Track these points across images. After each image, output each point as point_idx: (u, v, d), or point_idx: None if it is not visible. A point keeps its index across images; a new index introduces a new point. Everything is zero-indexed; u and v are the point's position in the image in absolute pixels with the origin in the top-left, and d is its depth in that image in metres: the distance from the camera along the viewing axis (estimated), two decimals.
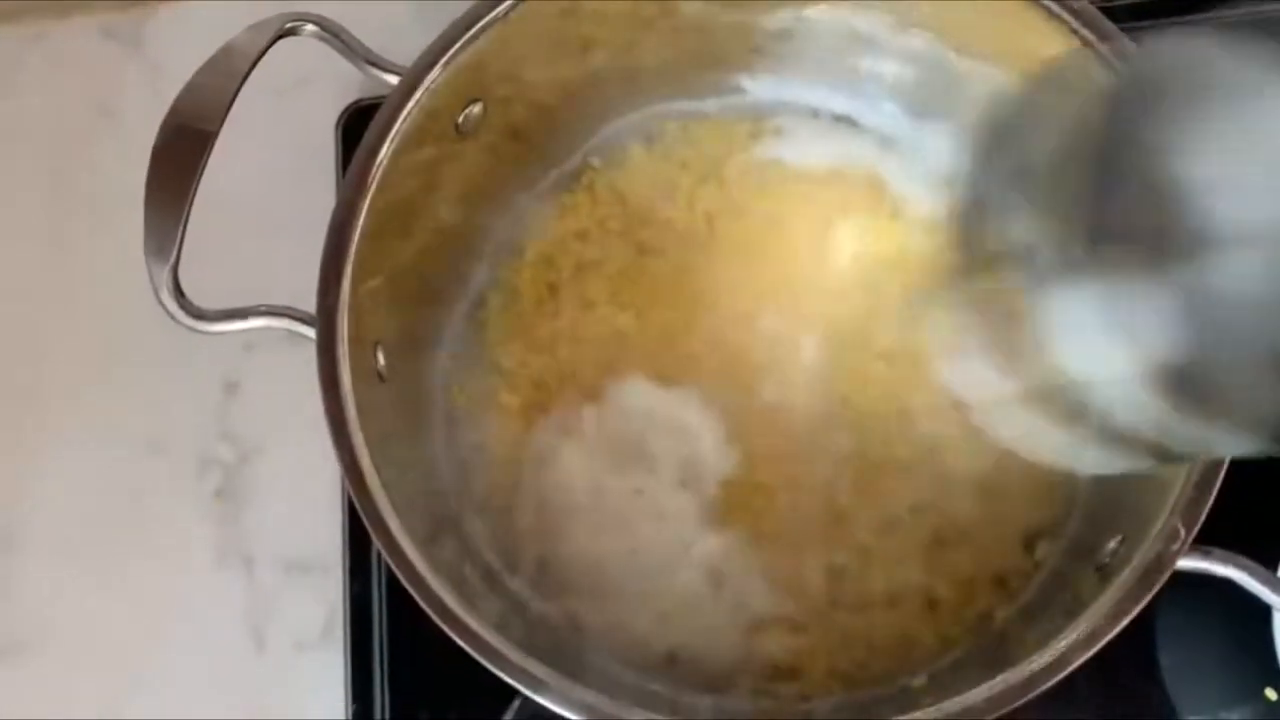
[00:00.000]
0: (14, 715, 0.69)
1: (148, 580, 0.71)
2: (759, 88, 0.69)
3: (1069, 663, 0.47)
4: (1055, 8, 0.55)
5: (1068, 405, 0.39)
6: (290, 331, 0.54)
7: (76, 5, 0.84)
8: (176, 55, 0.81)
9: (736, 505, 0.62)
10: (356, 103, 0.77)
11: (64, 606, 0.71)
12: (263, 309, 0.54)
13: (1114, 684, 0.63)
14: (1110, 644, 0.48)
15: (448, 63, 0.56)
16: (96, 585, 0.71)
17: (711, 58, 0.66)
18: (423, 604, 0.50)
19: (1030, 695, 0.47)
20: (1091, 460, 0.42)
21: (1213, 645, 0.64)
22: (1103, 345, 0.36)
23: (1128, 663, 0.64)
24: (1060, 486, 0.61)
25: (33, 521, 0.73)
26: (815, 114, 0.69)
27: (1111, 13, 0.68)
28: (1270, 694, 0.60)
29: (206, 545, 0.71)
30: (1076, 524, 0.60)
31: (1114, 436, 0.38)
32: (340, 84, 0.77)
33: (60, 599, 0.71)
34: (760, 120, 0.69)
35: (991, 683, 0.47)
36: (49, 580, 0.71)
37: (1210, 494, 0.48)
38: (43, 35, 0.84)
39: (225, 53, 0.55)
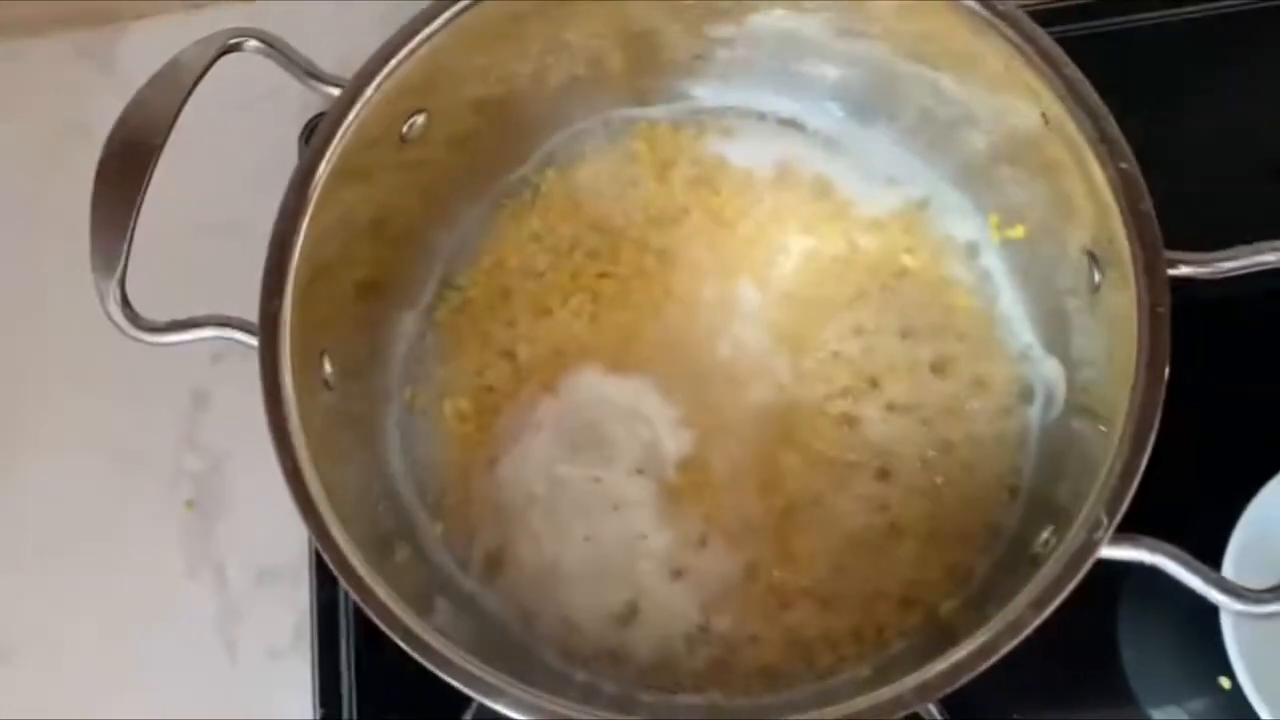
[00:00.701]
0: None
1: (120, 589, 0.71)
2: (706, 93, 0.69)
3: (997, 649, 0.47)
4: (982, 11, 0.56)
5: None
6: (236, 342, 0.55)
7: (50, 23, 0.85)
8: (144, 72, 0.82)
9: (691, 495, 0.63)
10: (320, 115, 0.77)
11: (36, 616, 0.72)
12: (210, 319, 0.55)
13: (1077, 678, 0.64)
14: (1073, 640, 0.48)
15: (389, 74, 0.57)
16: (69, 595, 0.72)
17: (658, 65, 0.67)
18: (368, 611, 0.50)
19: (958, 683, 0.47)
20: None
21: (1170, 639, 0.65)
22: None
23: (1090, 657, 0.64)
24: (1005, 483, 0.62)
25: (6, 532, 0.73)
26: (762, 117, 0.69)
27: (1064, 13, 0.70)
28: (1224, 682, 0.61)
29: (178, 554, 0.72)
30: (1017, 519, 0.61)
31: None
32: (304, 97, 0.77)
33: (33, 609, 0.72)
34: (708, 124, 0.70)
35: (920, 671, 0.48)
36: (21, 590, 0.72)
37: (1133, 480, 0.48)
38: (17, 54, 0.85)
39: (170, 67, 0.56)
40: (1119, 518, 0.48)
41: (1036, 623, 0.47)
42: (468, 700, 0.61)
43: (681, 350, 0.65)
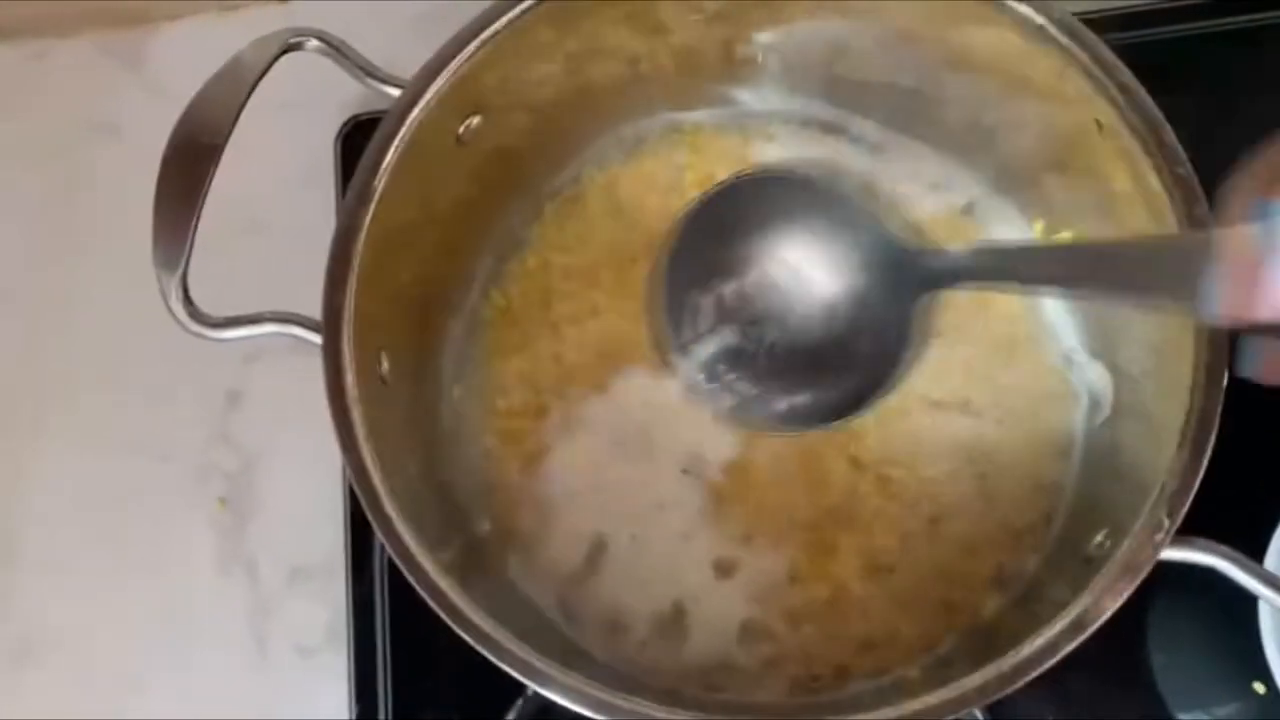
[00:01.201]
0: (22, 716, 0.70)
1: (151, 587, 0.72)
2: (750, 98, 0.70)
3: (1057, 650, 0.48)
4: (1036, 18, 0.56)
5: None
6: (296, 338, 0.55)
7: (76, 24, 0.85)
8: (176, 73, 0.83)
9: (737, 496, 0.63)
10: (355, 117, 0.78)
11: (68, 613, 0.72)
12: (269, 315, 0.55)
13: (1106, 683, 0.64)
14: (1103, 643, 0.49)
15: (449, 76, 0.57)
16: (100, 592, 0.72)
17: (703, 70, 0.67)
18: (432, 604, 0.50)
19: (1019, 683, 0.48)
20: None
21: (1202, 642, 0.65)
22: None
23: (1120, 662, 0.65)
24: (1048, 484, 0.62)
25: (36, 529, 0.74)
26: (805, 123, 0.70)
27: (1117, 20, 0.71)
28: (1259, 687, 0.61)
29: (209, 551, 0.72)
30: (1064, 520, 0.61)
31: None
32: (339, 99, 0.78)
33: (64, 605, 0.72)
34: (751, 129, 0.70)
35: (983, 671, 0.48)
36: (53, 587, 0.72)
37: (1194, 483, 0.49)
38: (43, 54, 0.85)
39: (231, 66, 0.56)
40: (1179, 520, 0.49)
41: (1099, 622, 0.48)
42: (507, 699, 0.63)
43: None
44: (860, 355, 0.57)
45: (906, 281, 0.55)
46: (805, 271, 0.58)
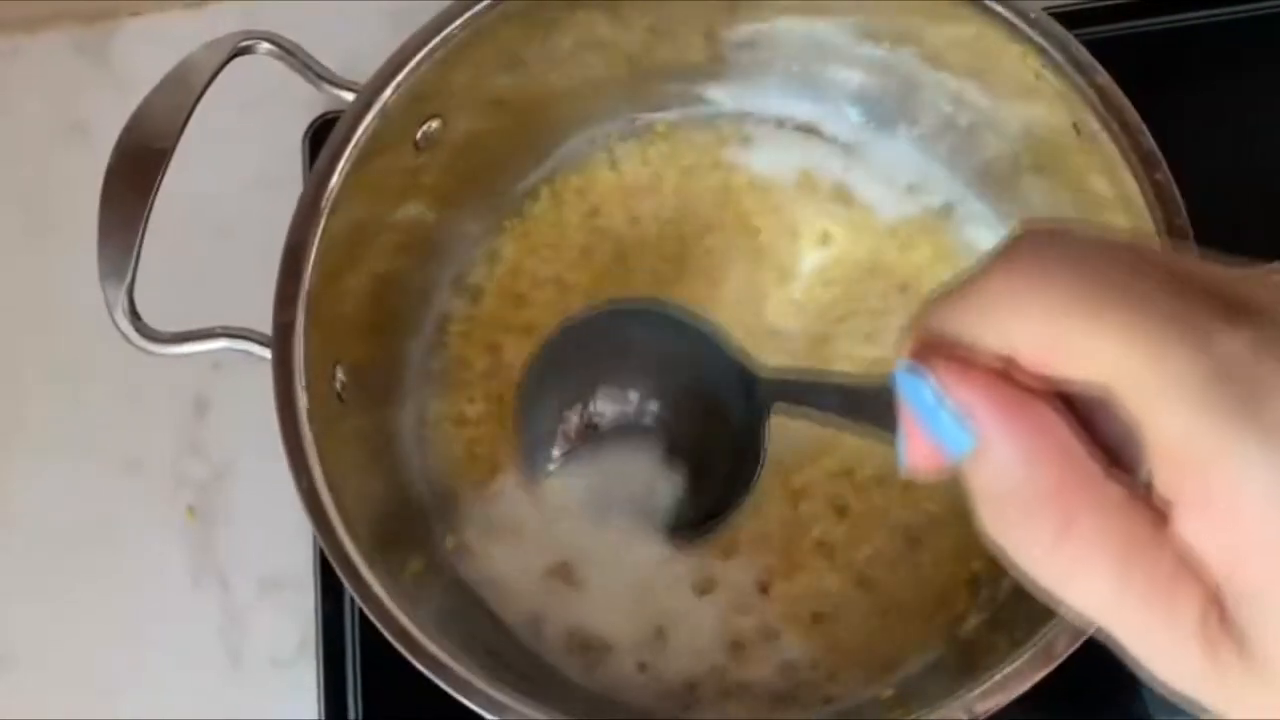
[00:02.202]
0: None
1: (122, 598, 0.70)
2: (723, 97, 0.68)
3: (1031, 676, 0.48)
4: (1011, 17, 0.55)
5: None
6: (247, 353, 0.54)
7: (46, 19, 0.83)
8: (144, 71, 0.80)
9: None
10: (323, 116, 0.77)
11: (38, 625, 0.70)
12: (219, 330, 0.54)
13: (1091, 689, 0.63)
14: (1087, 646, 0.48)
15: (405, 79, 0.56)
16: (70, 604, 0.70)
17: (675, 69, 0.66)
18: (386, 632, 0.50)
19: (996, 706, 0.47)
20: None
21: None
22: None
23: (1105, 664, 0.63)
24: None
25: (7, 539, 0.72)
26: (780, 123, 0.68)
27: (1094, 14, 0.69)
28: None
29: (180, 563, 0.71)
30: None
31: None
32: (307, 97, 0.75)
33: (34, 618, 0.71)
34: (725, 130, 0.69)
35: (959, 695, 0.48)
36: (22, 599, 0.71)
37: None
38: (14, 51, 0.84)
39: (180, 70, 0.55)
40: None
41: (1072, 649, 0.48)
42: (479, 714, 0.61)
43: None
44: (714, 475, 0.58)
45: (751, 401, 0.55)
46: (658, 396, 0.59)
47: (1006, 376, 0.29)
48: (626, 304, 0.59)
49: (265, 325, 0.55)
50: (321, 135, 0.74)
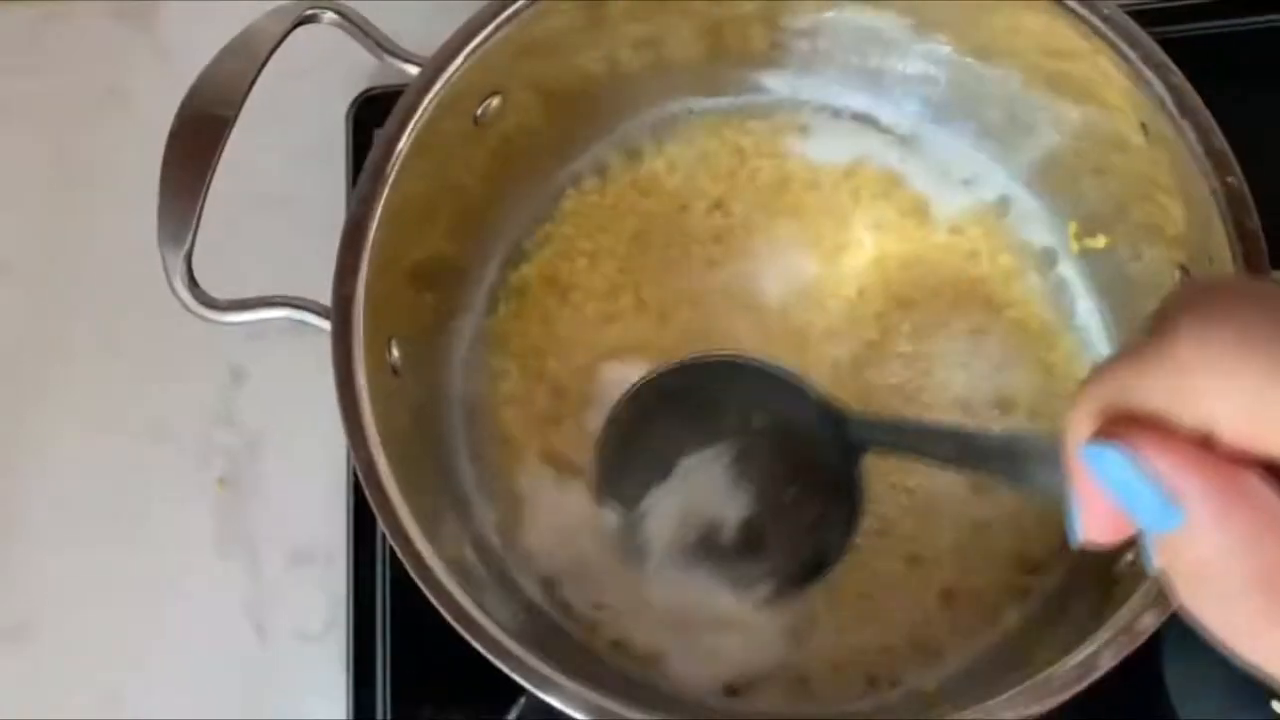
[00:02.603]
0: (14, 697, 0.68)
1: (150, 566, 0.70)
2: (780, 85, 0.68)
3: (1091, 671, 0.47)
4: (1081, 11, 0.54)
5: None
6: (305, 324, 0.53)
7: None
8: (187, 38, 0.81)
9: None
10: (368, 90, 0.76)
11: (66, 590, 0.70)
12: (277, 299, 0.54)
13: (1118, 695, 0.62)
14: None
15: (470, 54, 0.55)
16: (99, 570, 0.70)
17: (734, 55, 0.66)
18: (439, 606, 0.49)
19: (1049, 705, 0.47)
20: None
21: (1219, 657, 0.63)
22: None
23: (1132, 673, 0.63)
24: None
25: (36, 505, 0.72)
26: (836, 112, 0.68)
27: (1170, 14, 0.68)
28: (1277, 706, 0.60)
29: (209, 532, 0.71)
30: None
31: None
32: (351, 70, 0.77)
33: (63, 583, 0.70)
34: (782, 118, 0.68)
35: (1013, 691, 0.47)
36: (52, 564, 0.71)
37: None
38: (53, 15, 0.83)
39: (244, 37, 0.55)
40: None
41: (1134, 646, 0.47)
42: (507, 694, 0.61)
43: (745, 347, 0.63)
44: (816, 515, 0.57)
45: (843, 443, 0.55)
46: (752, 441, 0.57)
47: (1211, 450, 0.27)
48: (706, 358, 0.58)
49: (310, 294, 0.55)
50: (365, 110, 0.75)
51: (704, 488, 0.57)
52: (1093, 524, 0.31)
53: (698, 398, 0.57)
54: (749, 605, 0.58)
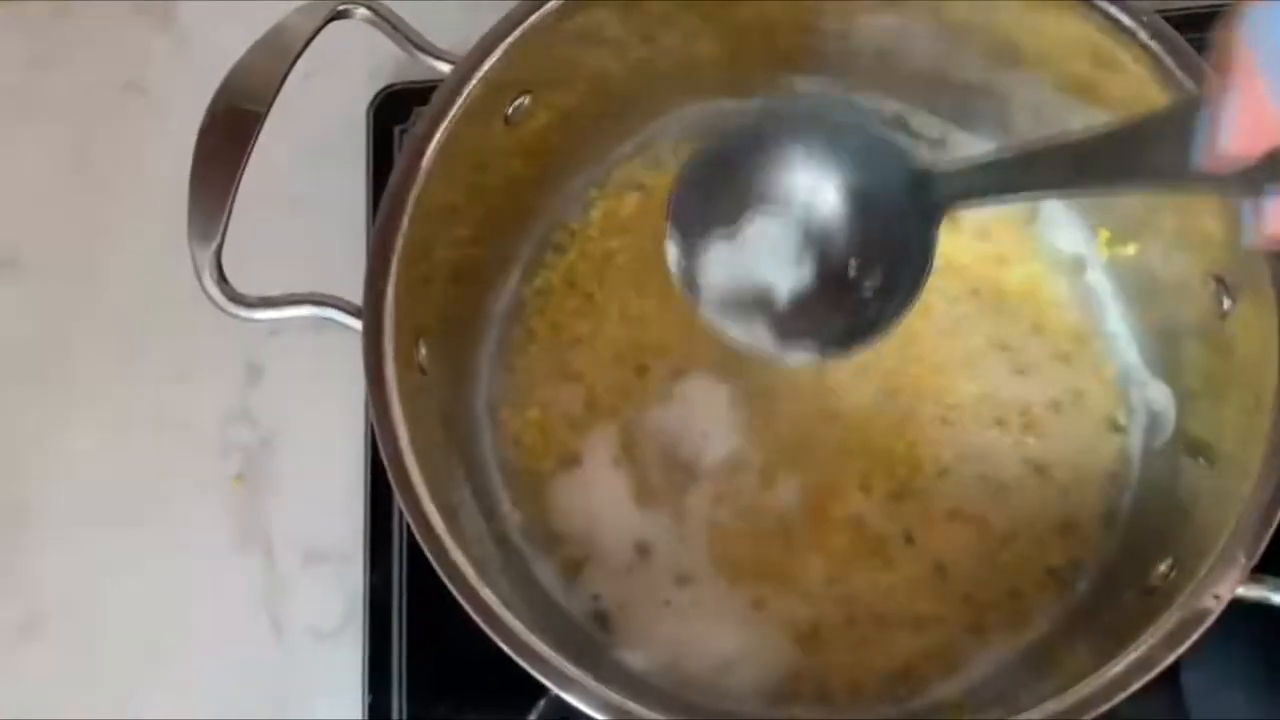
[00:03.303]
0: (31, 690, 0.68)
1: (166, 561, 0.70)
2: (809, 87, 0.68)
3: (1124, 687, 0.47)
4: (1118, 15, 0.54)
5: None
6: (333, 322, 0.53)
7: None
8: (205, 33, 0.81)
9: (772, 502, 0.62)
10: (388, 87, 0.76)
11: (83, 584, 0.70)
12: (305, 297, 0.54)
13: (1133, 698, 0.62)
14: None
15: (504, 53, 0.55)
16: (115, 564, 0.70)
17: (764, 57, 0.66)
18: (460, 597, 0.49)
19: (1090, 713, 0.46)
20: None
21: (1238, 666, 0.63)
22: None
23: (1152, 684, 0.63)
24: (1103, 504, 0.61)
25: (52, 500, 0.72)
26: (866, 116, 0.68)
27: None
28: None
29: (226, 528, 0.70)
30: (1117, 545, 0.60)
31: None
32: (371, 67, 0.76)
33: (79, 576, 0.70)
34: None
35: (1043, 706, 0.47)
36: (69, 557, 0.71)
37: (1273, 523, 0.47)
38: (72, 9, 0.83)
39: (275, 33, 0.54)
40: (1258, 557, 0.47)
41: (1170, 660, 0.46)
42: (524, 695, 0.61)
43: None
44: (880, 278, 0.56)
45: (924, 202, 0.53)
46: (825, 198, 0.56)
47: None
48: (785, 104, 0.59)
49: (329, 290, 0.54)
50: (386, 106, 0.75)
51: (765, 247, 0.56)
52: (1242, 132, 0.32)
53: (783, 150, 0.56)
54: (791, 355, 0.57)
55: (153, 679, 0.68)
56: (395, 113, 0.75)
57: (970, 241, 0.65)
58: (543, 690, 0.49)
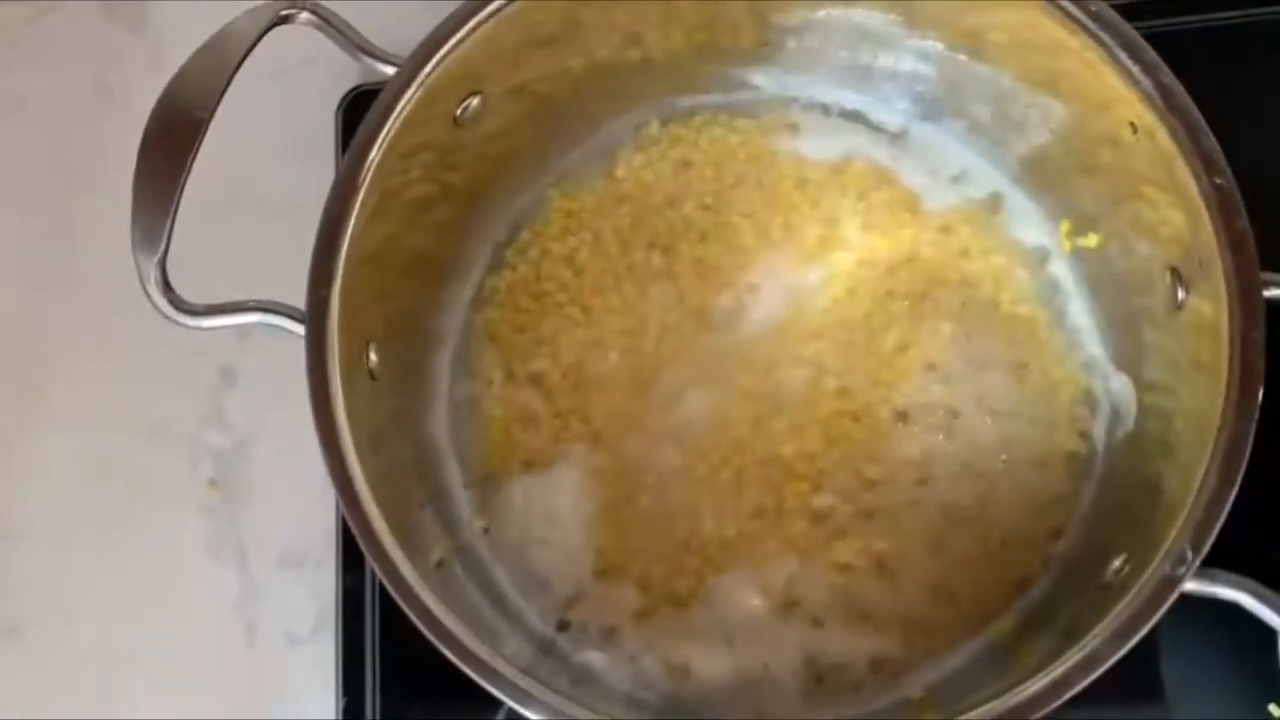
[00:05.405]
0: (6, 698, 0.68)
1: (139, 569, 0.70)
2: (768, 82, 0.67)
3: (1070, 685, 0.46)
4: (1069, 7, 0.53)
5: None
6: (280, 329, 0.53)
7: None
8: (178, 36, 0.79)
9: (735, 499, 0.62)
10: (357, 88, 0.76)
11: (57, 592, 0.70)
12: (251, 304, 0.53)
13: (1116, 699, 0.62)
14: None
15: (446, 54, 0.55)
16: (89, 571, 0.70)
17: (722, 52, 0.65)
18: (419, 622, 0.49)
19: (1038, 712, 0.46)
20: None
21: (1217, 660, 0.62)
22: None
23: (1130, 678, 0.62)
24: (1062, 496, 0.60)
25: (27, 506, 0.72)
26: (826, 110, 0.68)
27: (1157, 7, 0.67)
28: (1275, 709, 0.59)
29: (199, 534, 0.70)
30: (1077, 539, 0.59)
31: None
32: (340, 69, 0.76)
33: (53, 584, 0.70)
34: (770, 116, 0.68)
35: (990, 705, 0.46)
36: (43, 565, 0.71)
37: (1220, 515, 0.47)
38: (44, 12, 0.83)
39: (219, 38, 0.54)
40: (1204, 552, 0.46)
41: (1114, 659, 0.46)
42: (495, 699, 0.61)
43: (733, 345, 0.64)
44: None
45: None
46: None
47: None
48: None
49: (295, 299, 0.54)
50: (354, 108, 0.74)
51: None
52: None
53: None
54: None
55: (129, 683, 0.68)
56: (364, 114, 0.74)
57: (933, 235, 0.65)
58: None
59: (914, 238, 0.64)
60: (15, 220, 0.78)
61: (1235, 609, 0.48)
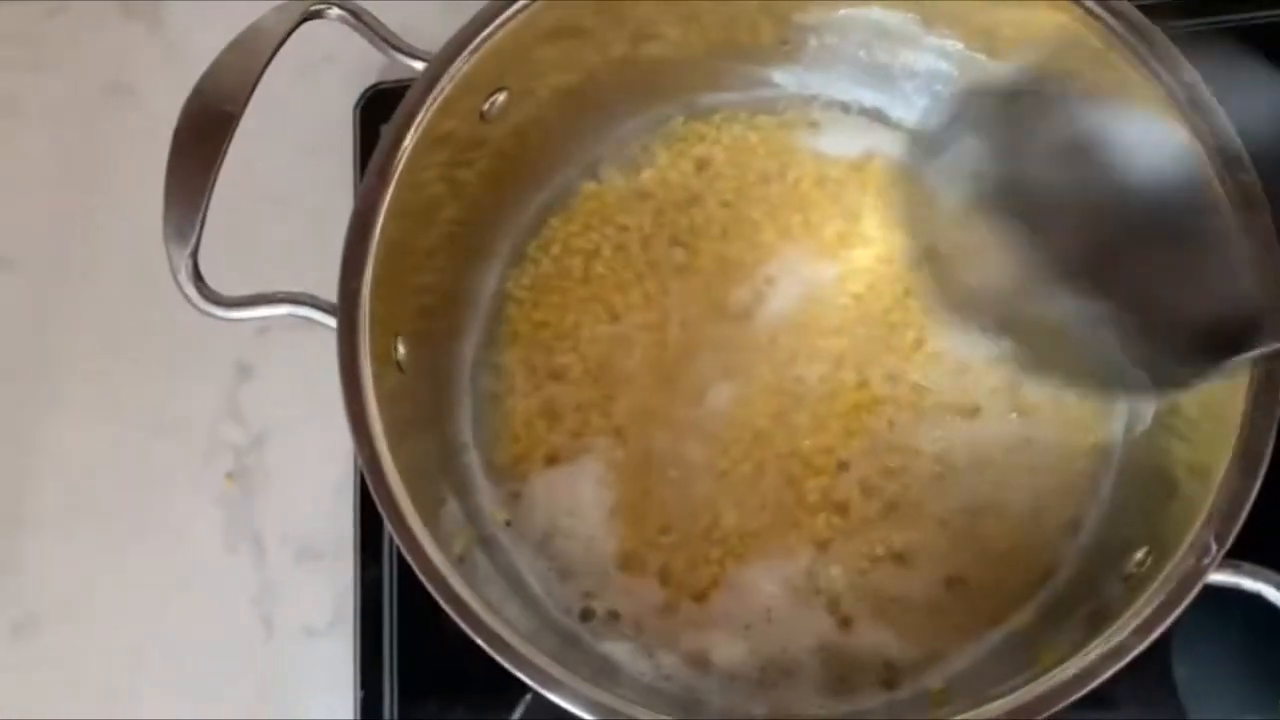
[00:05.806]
0: (22, 691, 0.68)
1: (157, 561, 0.70)
2: (789, 80, 0.68)
3: (1096, 675, 0.46)
4: (1095, 6, 0.54)
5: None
6: (310, 320, 0.53)
7: None
8: (193, 33, 0.81)
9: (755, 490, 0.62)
10: (375, 85, 0.76)
11: (74, 585, 0.70)
12: (282, 296, 0.53)
13: (1127, 692, 0.62)
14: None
15: (475, 50, 0.55)
16: (107, 564, 0.70)
17: (742, 50, 0.65)
18: (439, 598, 0.49)
19: (1054, 709, 0.46)
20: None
21: (1229, 655, 0.63)
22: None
23: (1142, 671, 0.62)
24: (1082, 490, 0.61)
25: (44, 499, 0.72)
26: (845, 108, 0.68)
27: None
28: None
29: (216, 527, 0.71)
30: (1097, 531, 0.59)
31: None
32: (359, 66, 0.76)
33: (71, 577, 0.71)
34: (790, 113, 0.68)
35: (1016, 694, 0.47)
36: (60, 558, 0.71)
37: (1245, 507, 0.47)
38: (59, 10, 0.83)
39: (250, 33, 0.54)
40: (1229, 544, 0.47)
41: (1141, 648, 0.46)
42: (513, 690, 0.61)
43: (752, 342, 0.64)
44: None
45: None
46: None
47: None
48: None
49: (317, 291, 0.54)
50: (373, 105, 0.75)
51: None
52: None
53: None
54: None
55: (145, 677, 0.68)
56: (383, 111, 0.74)
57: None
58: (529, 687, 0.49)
59: (933, 232, 0.64)
60: (31, 217, 0.78)
61: (1251, 606, 0.48)
